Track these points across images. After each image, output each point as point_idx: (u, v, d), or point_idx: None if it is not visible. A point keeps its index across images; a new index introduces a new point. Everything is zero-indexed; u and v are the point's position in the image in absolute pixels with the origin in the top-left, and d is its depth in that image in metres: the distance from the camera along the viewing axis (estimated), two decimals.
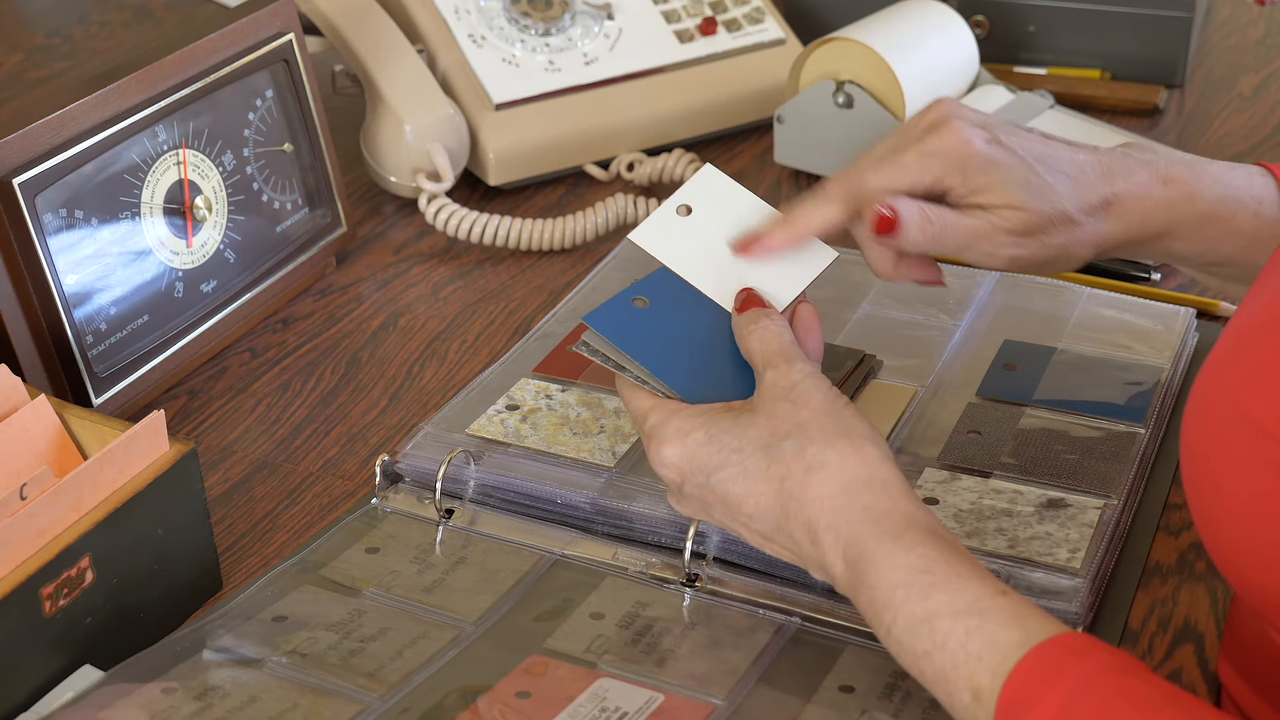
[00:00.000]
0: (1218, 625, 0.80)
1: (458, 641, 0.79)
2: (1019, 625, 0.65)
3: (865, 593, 0.70)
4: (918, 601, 0.67)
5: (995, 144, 0.81)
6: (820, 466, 0.72)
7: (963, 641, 0.65)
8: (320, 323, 1.09)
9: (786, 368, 0.76)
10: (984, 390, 0.94)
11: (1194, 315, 1.00)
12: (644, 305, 0.81)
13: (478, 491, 0.88)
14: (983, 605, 0.66)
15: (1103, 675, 0.62)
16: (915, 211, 0.80)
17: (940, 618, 0.66)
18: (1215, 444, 0.63)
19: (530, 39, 1.24)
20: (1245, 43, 1.44)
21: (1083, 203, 0.82)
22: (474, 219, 1.14)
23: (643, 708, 0.74)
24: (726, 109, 1.27)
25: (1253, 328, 0.64)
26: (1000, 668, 0.64)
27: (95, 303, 0.96)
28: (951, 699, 0.66)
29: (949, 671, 0.66)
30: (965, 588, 0.67)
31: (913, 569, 0.68)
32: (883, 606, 0.68)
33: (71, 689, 0.75)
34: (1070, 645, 0.64)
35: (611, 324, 0.80)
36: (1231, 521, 0.63)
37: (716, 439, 0.75)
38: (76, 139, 0.93)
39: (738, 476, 0.74)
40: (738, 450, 0.74)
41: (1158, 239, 0.84)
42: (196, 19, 1.54)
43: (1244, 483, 0.61)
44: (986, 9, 1.33)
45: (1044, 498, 0.84)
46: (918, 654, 0.67)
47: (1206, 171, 0.84)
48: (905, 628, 0.67)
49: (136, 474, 0.80)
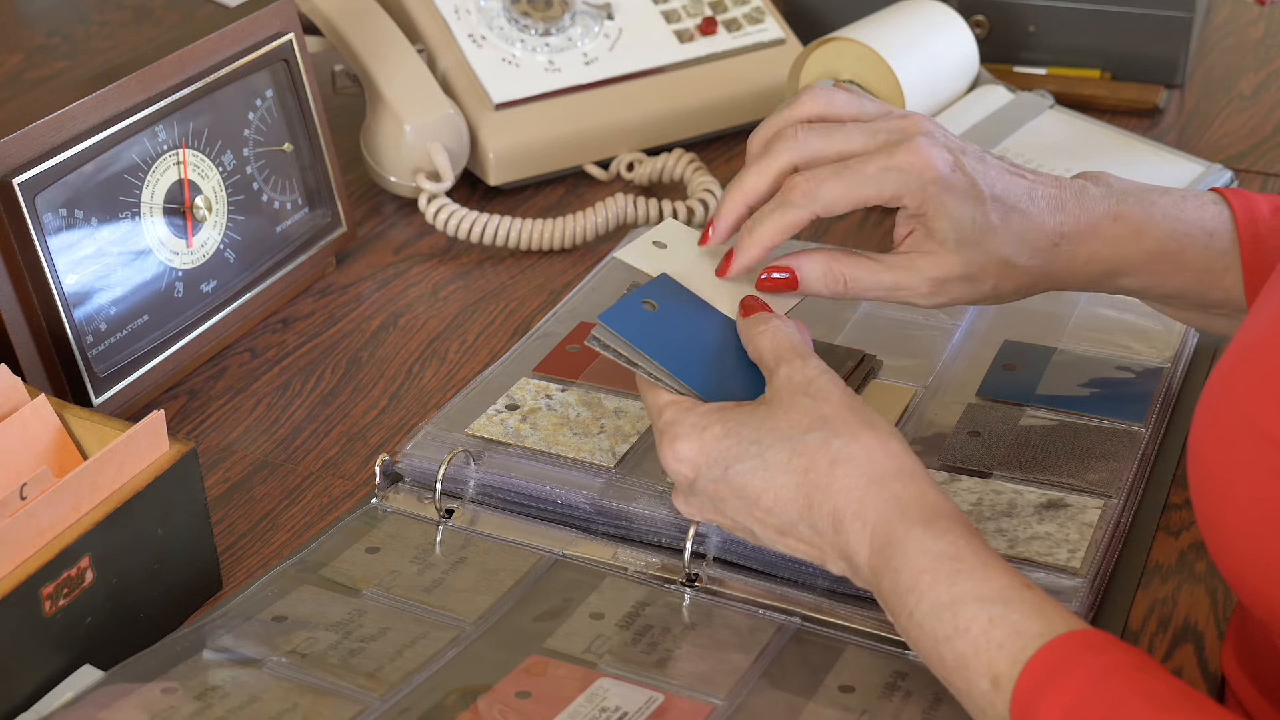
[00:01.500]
0: (1218, 625, 0.80)
1: (458, 641, 0.79)
2: (1042, 617, 0.66)
3: (890, 577, 0.70)
4: (944, 586, 0.68)
5: (958, 171, 0.81)
6: (847, 459, 0.73)
7: (985, 628, 0.66)
8: (320, 323, 1.09)
9: (801, 364, 0.77)
10: (984, 390, 0.94)
11: None
12: (653, 309, 0.82)
13: (478, 491, 0.88)
14: (1008, 595, 0.67)
15: (1119, 671, 0.63)
16: (819, 270, 0.82)
17: (965, 603, 0.67)
18: (1223, 452, 0.63)
19: (530, 39, 1.25)
20: (1245, 43, 1.44)
21: (1028, 241, 0.82)
22: (474, 219, 1.14)
23: (643, 708, 0.74)
24: (726, 109, 1.27)
25: (1261, 337, 0.64)
26: (1020, 656, 0.65)
27: (95, 303, 0.96)
28: (969, 685, 0.67)
29: (969, 657, 0.66)
30: (992, 576, 0.68)
31: (941, 555, 0.69)
32: (907, 590, 0.69)
33: (71, 689, 0.75)
34: (1088, 640, 0.65)
35: (625, 322, 0.81)
36: (1238, 530, 0.63)
37: (735, 432, 0.75)
38: (76, 139, 0.93)
39: (758, 469, 0.74)
40: (757, 443, 0.75)
41: (1107, 277, 0.85)
42: (196, 19, 1.54)
43: (1251, 491, 0.61)
44: (986, 9, 1.33)
45: (1044, 498, 0.84)
46: (939, 638, 0.68)
47: (1157, 205, 0.84)
48: (929, 611, 0.68)
49: (136, 474, 0.80)
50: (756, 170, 0.83)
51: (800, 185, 0.81)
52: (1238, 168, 1.21)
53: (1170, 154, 1.18)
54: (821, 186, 0.80)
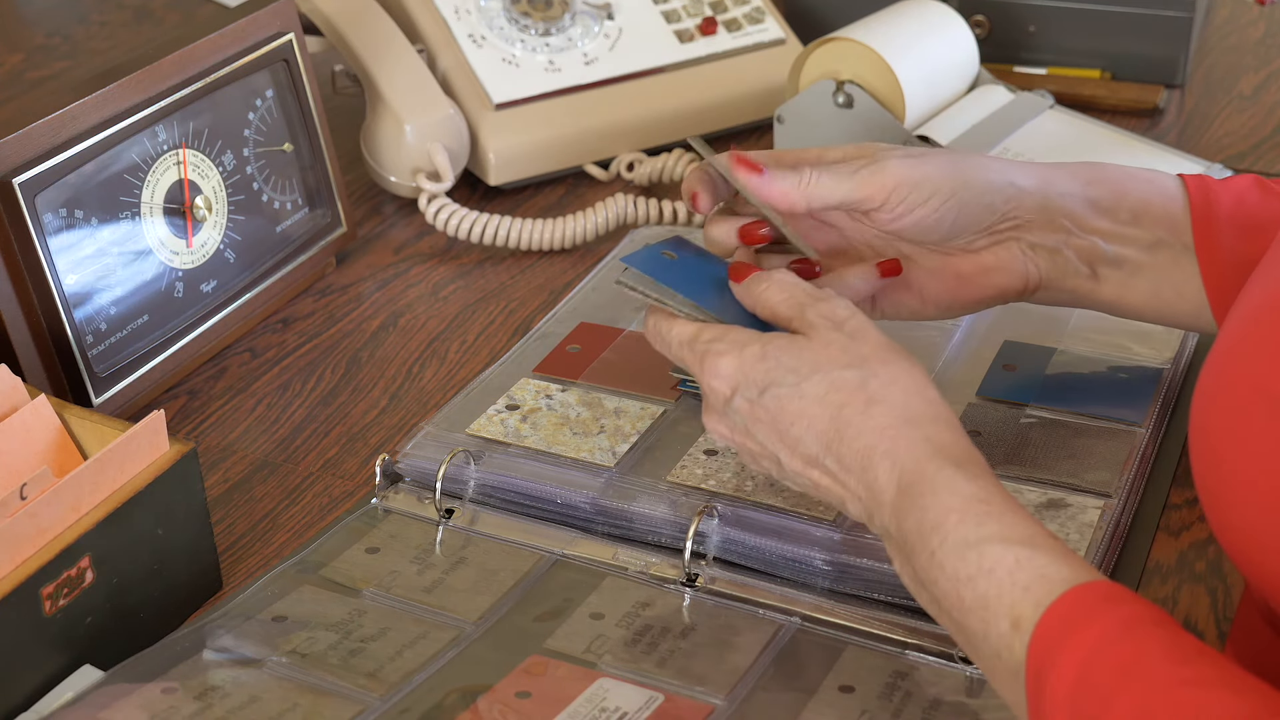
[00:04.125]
0: (1218, 625, 0.80)
1: (458, 642, 0.79)
2: (1068, 564, 0.66)
3: (915, 515, 0.70)
4: (972, 526, 0.68)
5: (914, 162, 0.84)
6: (883, 400, 0.73)
7: (1011, 569, 0.66)
8: (320, 323, 1.09)
9: (830, 305, 0.77)
10: (984, 390, 0.94)
11: None
12: (673, 258, 0.83)
13: (478, 491, 0.88)
14: (1035, 539, 0.67)
15: (1137, 624, 0.62)
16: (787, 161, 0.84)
17: (992, 544, 0.67)
18: (1230, 422, 0.63)
19: (530, 39, 1.25)
20: (1245, 43, 1.44)
21: (993, 184, 0.85)
22: (474, 219, 1.14)
23: (643, 708, 0.74)
24: (726, 109, 1.27)
25: (1268, 304, 0.63)
26: (1044, 599, 0.64)
27: (95, 303, 0.96)
28: (987, 626, 0.66)
29: (992, 598, 0.66)
30: (1019, 521, 0.68)
31: (971, 496, 0.69)
32: (932, 529, 0.69)
33: (71, 689, 0.75)
34: (1109, 592, 0.64)
35: (648, 266, 0.82)
36: (1246, 503, 0.62)
37: (772, 355, 0.76)
38: (76, 139, 0.93)
39: (793, 395, 0.75)
40: (794, 371, 0.75)
41: (1075, 225, 0.86)
42: (196, 19, 1.54)
43: (1261, 461, 0.61)
44: (986, 9, 1.33)
45: (1044, 498, 0.84)
46: (960, 578, 0.67)
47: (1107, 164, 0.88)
48: (953, 549, 0.68)
49: (136, 474, 0.80)
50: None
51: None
52: (1238, 168, 1.21)
53: (1170, 154, 1.18)
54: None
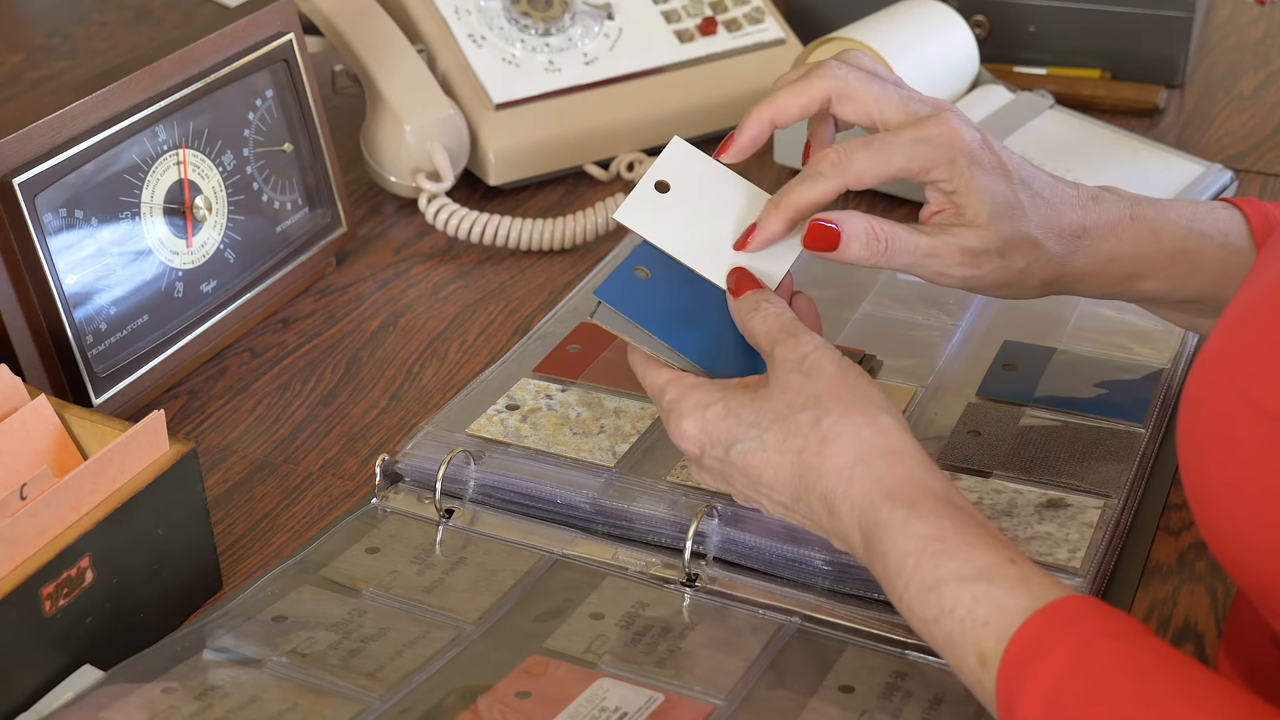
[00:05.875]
0: (1218, 625, 0.80)
1: (458, 641, 0.79)
2: (1025, 591, 0.66)
3: (880, 560, 0.71)
4: (928, 569, 0.68)
5: (986, 148, 0.81)
6: (836, 437, 0.73)
7: (970, 608, 0.66)
8: (320, 323, 1.09)
9: (794, 342, 0.77)
10: (984, 390, 0.94)
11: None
12: (645, 276, 0.82)
13: (478, 491, 0.88)
14: (991, 573, 0.67)
15: (1098, 641, 0.63)
16: (861, 227, 0.79)
17: (949, 584, 0.67)
18: (1216, 428, 0.63)
19: (530, 39, 1.25)
20: (1245, 43, 1.44)
21: (1054, 228, 0.82)
22: (474, 219, 1.14)
23: (643, 708, 0.74)
24: (726, 109, 1.27)
25: (1254, 310, 0.63)
26: (1005, 633, 0.65)
27: (95, 303, 0.96)
28: (960, 664, 0.67)
29: (956, 637, 0.67)
30: (974, 556, 0.68)
31: (924, 537, 0.69)
32: (895, 574, 0.70)
33: (71, 689, 0.75)
34: (1069, 611, 0.65)
35: (621, 296, 0.81)
36: (1232, 509, 0.62)
37: (734, 412, 0.76)
38: (76, 139, 0.93)
39: (756, 450, 0.75)
40: (755, 425, 0.75)
41: (1127, 280, 0.84)
42: (196, 19, 1.54)
43: (1246, 467, 0.61)
44: (986, 9, 1.33)
45: (1044, 498, 0.85)
46: (927, 620, 0.68)
47: (1171, 209, 0.85)
48: (916, 595, 0.69)
49: (136, 474, 0.80)
50: (791, 89, 0.82)
51: (830, 155, 0.80)
52: (1238, 168, 1.21)
53: (1170, 154, 1.18)
54: (852, 156, 0.79)
